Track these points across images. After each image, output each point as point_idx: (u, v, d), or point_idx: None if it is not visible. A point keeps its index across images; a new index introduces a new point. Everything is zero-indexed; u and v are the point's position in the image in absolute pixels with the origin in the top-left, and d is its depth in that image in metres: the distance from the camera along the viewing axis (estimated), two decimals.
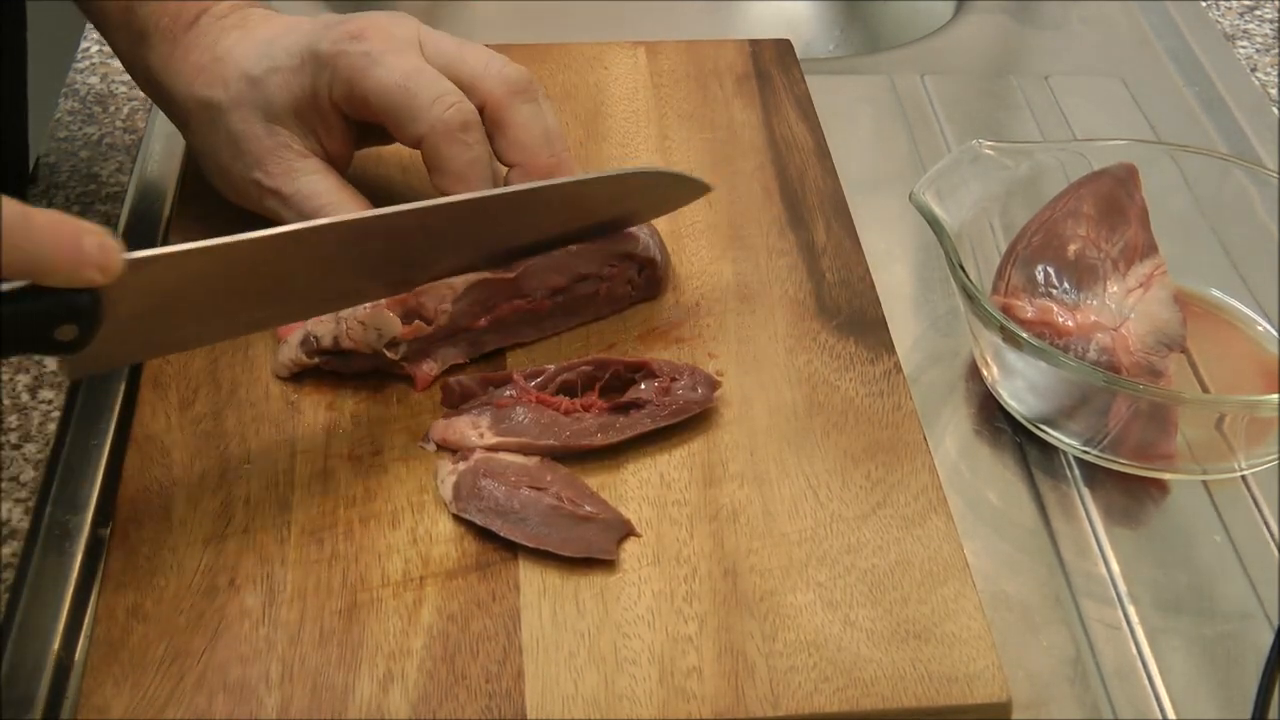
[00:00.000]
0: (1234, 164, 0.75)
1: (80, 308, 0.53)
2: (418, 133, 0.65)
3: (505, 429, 0.63)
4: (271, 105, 0.67)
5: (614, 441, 0.63)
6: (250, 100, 0.67)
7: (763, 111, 0.83)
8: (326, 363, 0.65)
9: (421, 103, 0.65)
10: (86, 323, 0.53)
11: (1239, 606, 0.62)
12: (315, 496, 0.61)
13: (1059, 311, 0.68)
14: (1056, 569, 0.63)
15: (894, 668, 0.55)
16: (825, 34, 1.16)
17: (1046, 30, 0.99)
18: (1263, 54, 0.97)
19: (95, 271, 0.51)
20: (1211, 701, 0.59)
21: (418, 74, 0.65)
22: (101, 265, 0.51)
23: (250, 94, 0.67)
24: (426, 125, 0.65)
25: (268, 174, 0.68)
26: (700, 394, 0.64)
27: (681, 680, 0.55)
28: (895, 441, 0.64)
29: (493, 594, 0.58)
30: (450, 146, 0.65)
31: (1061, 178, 0.74)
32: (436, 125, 0.65)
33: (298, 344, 0.65)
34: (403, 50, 0.66)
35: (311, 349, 0.65)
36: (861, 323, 0.70)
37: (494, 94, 0.66)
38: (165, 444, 0.63)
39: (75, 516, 0.63)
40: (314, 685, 0.54)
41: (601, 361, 0.65)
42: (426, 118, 0.65)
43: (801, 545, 0.60)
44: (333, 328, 0.64)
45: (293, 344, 0.65)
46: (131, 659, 0.55)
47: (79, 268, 0.51)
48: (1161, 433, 0.65)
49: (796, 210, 0.76)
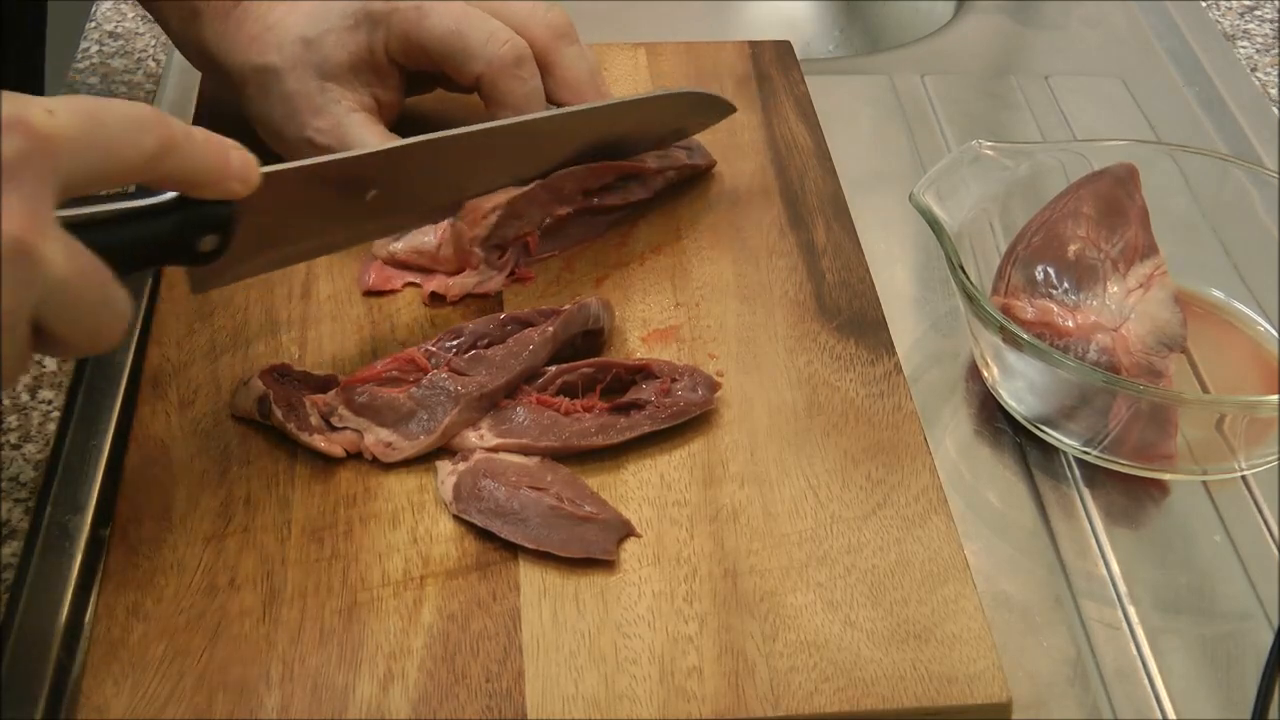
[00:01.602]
0: (1234, 164, 0.75)
1: (222, 218, 0.58)
2: (475, 71, 0.69)
3: (506, 430, 0.63)
4: (326, 63, 0.70)
5: (614, 442, 0.63)
6: (304, 60, 0.70)
7: (763, 112, 0.83)
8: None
9: (476, 42, 0.69)
10: (226, 232, 0.58)
11: (1239, 606, 0.62)
12: (315, 496, 0.61)
13: (1059, 312, 0.68)
14: (1057, 569, 0.63)
15: (894, 668, 0.55)
16: (825, 34, 1.16)
17: (1046, 30, 0.99)
18: (1263, 54, 0.97)
19: (238, 183, 0.56)
20: (1211, 701, 0.59)
21: (467, 17, 0.69)
22: (243, 178, 0.56)
23: (305, 55, 0.70)
24: (483, 63, 0.69)
25: (319, 131, 0.71)
26: (700, 395, 0.64)
27: (681, 680, 0.55)
28: (895, 442, 0.64)
29: (493, 594, 0.57)
30: (508, 81, 0.69)
31: (1061, 178, 0.74)
32: (493, 61, 0.69)
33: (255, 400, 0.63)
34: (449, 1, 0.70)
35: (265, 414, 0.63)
36: (862, 323, 0.70)
37: (540, 38, 0.71)
38: (165, 444, 0.63)
39: (75, 516, 0.63)
40: (314, 685, 0.54)
41: (602, 363, 0.65)
42: (482, 55, 0.69)
43: (802, 546, 0.60)
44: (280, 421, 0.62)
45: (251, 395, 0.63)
46: (131, 658, 0.55)
47: (226, 179, 0.55)
48: (1162, 433, 0.65)
49: (796, 211, 0.76)
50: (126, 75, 0.89)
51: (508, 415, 0.63)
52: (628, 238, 0.74)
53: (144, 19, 0.93)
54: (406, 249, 0.71)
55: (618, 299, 0.70)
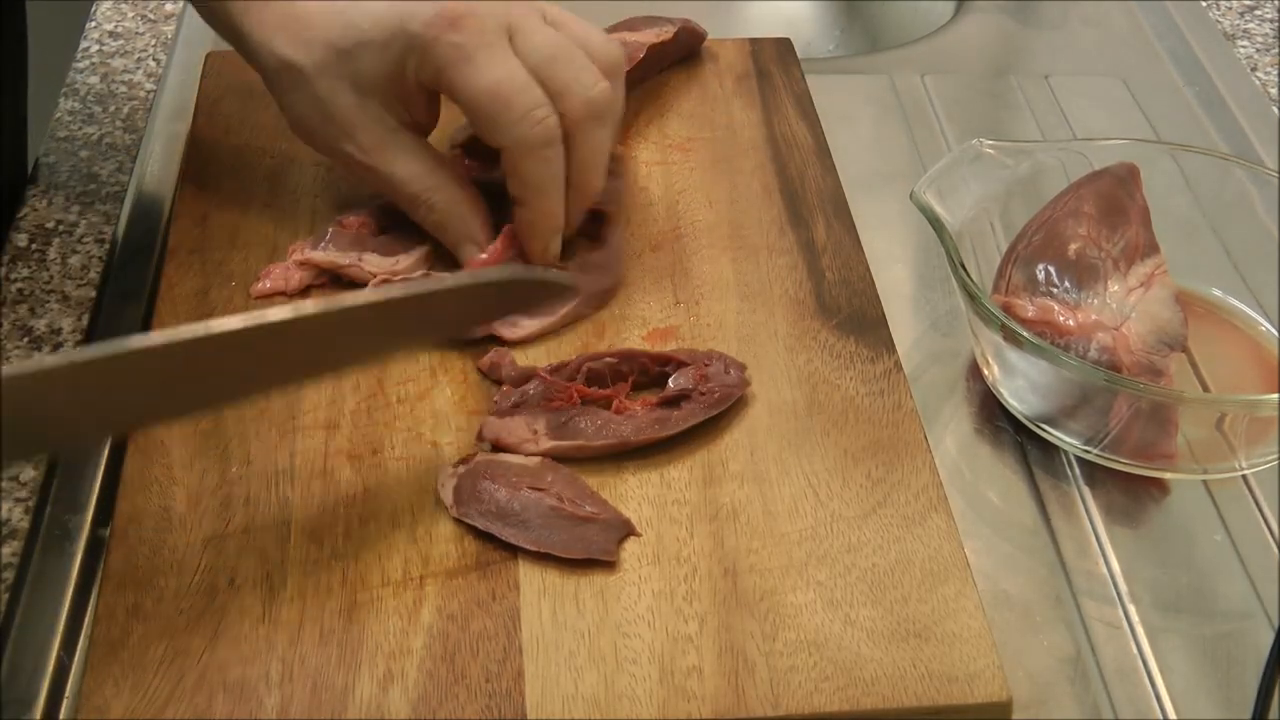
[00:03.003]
0: (1234, 164, 0.75)
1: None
2: (501, 142, 0.66)
3: (562, 432, 0.63)
4: (361, 78, 0.67)
5: (671, 434, 0.63)
6: (337, 71, 0.67)
7: (763, 110, 0.83)
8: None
9: (511, 116, 0.65)
10: None
11: (1239, 606, 0.62)
12: (315, 496, 0.61)
13: (1060, 311, 0.68)
14: (1057, 568, 0.63)
15: (894, 667, 0.55)
16: (825, 34, 1.16)
17: (1046, 30, 0.99)
18: (1263, 54, 0.97)
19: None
20: (1211, 701, 0.59)
21: (511, 80, 0.65)
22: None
23: (338, 65, 0.67)
24: (511, 139, 0.66)
25: (361, 148, 0.68)
26: (734, 376, 0.65)
27: (681, 680, 0.55)
28: (896, 441, 0.64)
29: (493, 593, 0.57)
30: (532, 163, 0.67)
31: (1062, 177, 0.74)
32: (521, 142, 0.66)
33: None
34: (494, 46, 0.66)
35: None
36: (862, 322, 0.70)
37: (574, 112, 0.67)
38: (165, 444, 0.63)
39: (75, 516, 0.63)
40: (314, 685, 0.54)
41: (627, 353, 0.66)
42: (513, 132, 0.66)
43: (802, 544, 0.60)
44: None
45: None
46: (131, 659, 0.55)
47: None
48: (1162, 432, 0.65)
49: (797, 209, 0.76)
50: (126, 75, 0.89)
51: (562, 417, 0.63)
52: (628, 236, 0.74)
53: (144, 19, 0.93)
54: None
55: (617, 298, 0.70)
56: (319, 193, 0.75)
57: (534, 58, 0.66)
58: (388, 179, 0.69)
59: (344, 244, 0.70)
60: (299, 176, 0.76)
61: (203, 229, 0.73)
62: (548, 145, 0.66)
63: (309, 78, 0.67)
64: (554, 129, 0.66)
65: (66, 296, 0.72)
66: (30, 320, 0.71)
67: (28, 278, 0.73)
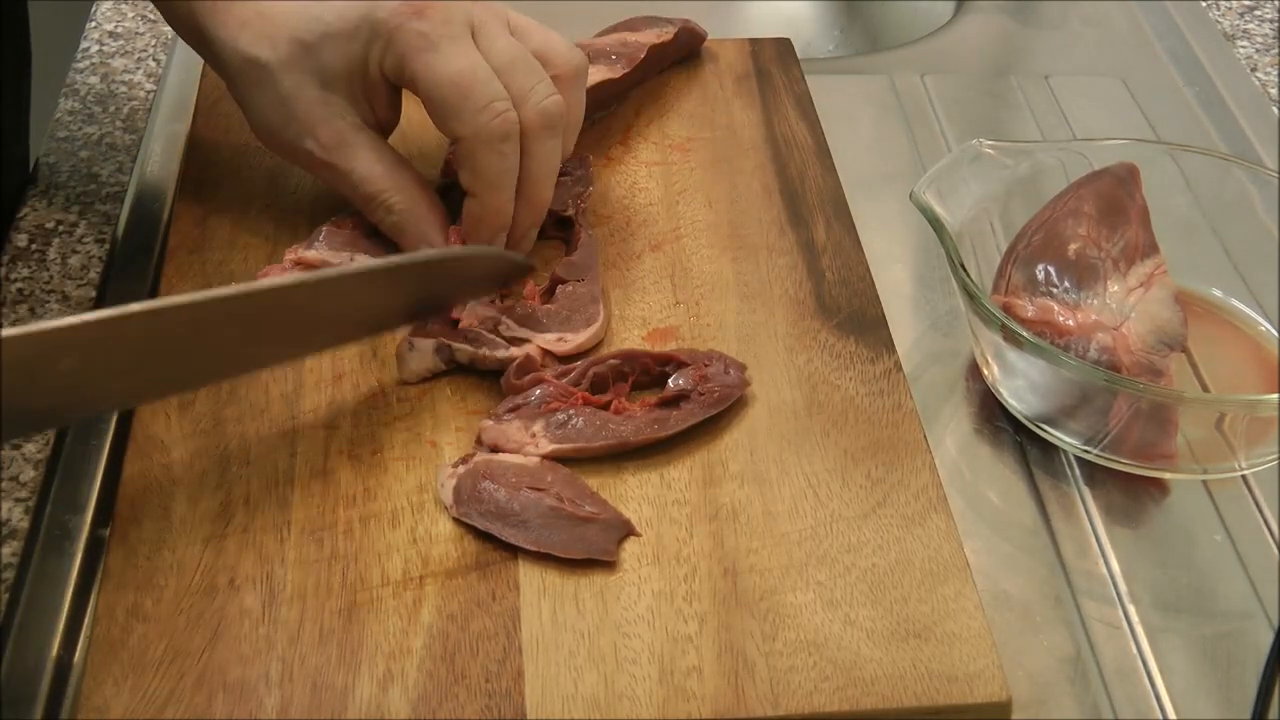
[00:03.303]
0: (1234, 164, 0.75)
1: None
2: (459, 133, 0.66)
3: (561, 435, 0.63)
4: (326, 72, 0.67)
5: (671, 434, 0.63)
6: (302, 65, 0.67)
7: (763, 110, 0.83)
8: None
9: (471, 106, 0.65)
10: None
11: (1239, 606, 0.62)
12: (315, 496, 0.61)
13: (1060, 311, 0.68)
14: (1057, 568, 0.63)
15: (894, 667, 0.55)
16: (825, 34, 1.16)
17: (1046, 30, 0.99)
18: (1263, 54, 0.97)
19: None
20: (1211, 701, 0.59)
21: (474, 71, 0.66)
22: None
23: (303, 59, 0.67)
24: (469, 130, 0.66)
25: (321, 145, 0.68)
26: (734, 376, 0.65)
27: (681, 680, 0.55)
28: (895, 441, 0.64)
29: (492, 593, 0.57)
30: (488, 155, 0.66)
31: (1061, 177, 0.74)
32: (480, 133, 0.66)
33: (433, 352, 0.66)
34: (459, 38, 0.66)
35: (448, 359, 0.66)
36: (862, 322, 0.70)
37: (528, 121, 0.67)
38: (165, 444, 0.63)
39: (75, 516, 0.63)
40: (314, 685, 0.54)
41: (627, 353, 0.66)
42: (473, 122, 0.66)
43: (801, 544, 0.60)
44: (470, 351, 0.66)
45: (426, 352, 0.66)
46: (131, 659, 0.55)
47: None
48: (1162, 432, 0.65)
49: (796, 209, 0.76)
50: (126, 75, 0.89)
51: (560, 419, 0.63)
52: (627, 237, 0.74)
53: (144, 19, 0.93)
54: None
55: (617, 298, 0.71)
56: (319, 193, 0.75)
57: (494, 61, 0.67)
58: (346, 177, 0.69)
59: (337, 243, 0.70)
60: (299, 176, 0.76)
61: (203, 229, 0.73)
62: (505, 139, 0.66)
63: (273, 73, 0.67)
64: (513, 123, 0.66)
65: (66, 296, 0.72)
66: (30, 320, 0.71)
67: (28, 278, 0.73)
